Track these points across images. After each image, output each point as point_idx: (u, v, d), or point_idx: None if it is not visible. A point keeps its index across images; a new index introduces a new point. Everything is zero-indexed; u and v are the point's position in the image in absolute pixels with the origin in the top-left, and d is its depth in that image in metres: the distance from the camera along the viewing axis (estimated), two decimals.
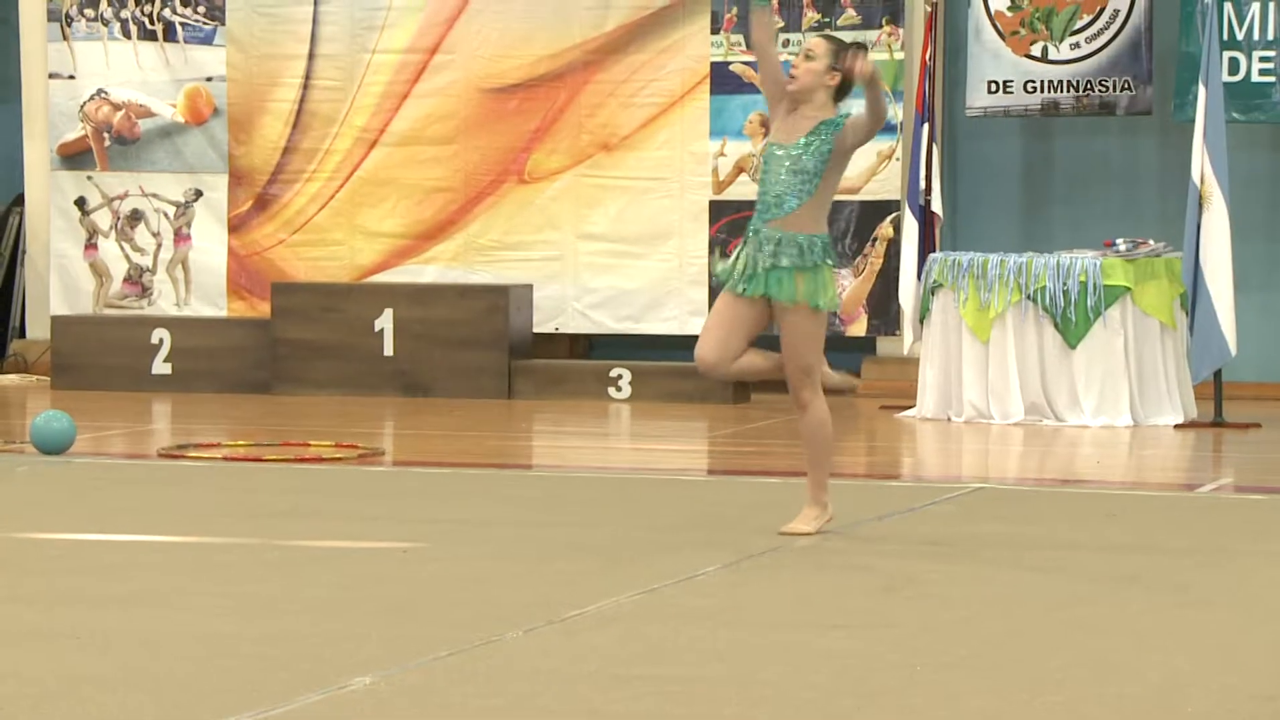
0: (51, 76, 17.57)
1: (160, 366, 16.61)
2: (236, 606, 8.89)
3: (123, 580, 9.40)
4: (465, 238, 17.13)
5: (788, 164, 10.03)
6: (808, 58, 10.16)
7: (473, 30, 17.04)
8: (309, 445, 13.47)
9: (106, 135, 17.37)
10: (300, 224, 17.34)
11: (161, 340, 16.70)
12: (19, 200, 18.18)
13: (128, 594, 9.09)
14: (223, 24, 17.38)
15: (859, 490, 12.57)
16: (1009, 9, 16.20)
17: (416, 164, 17.16)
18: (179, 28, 17.41)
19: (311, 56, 17.27)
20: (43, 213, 17.75)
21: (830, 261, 10.00)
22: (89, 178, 17.29)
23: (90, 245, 17.29)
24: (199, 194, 17.27)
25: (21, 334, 18.31)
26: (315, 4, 17.25)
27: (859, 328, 16.57)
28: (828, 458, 10.37)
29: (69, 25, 17.52)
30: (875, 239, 16.38)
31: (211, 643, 8.12)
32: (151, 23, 17.41)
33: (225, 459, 13.08)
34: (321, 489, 12.08)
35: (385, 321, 16.69)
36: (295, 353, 16.58)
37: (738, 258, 10.03)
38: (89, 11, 17.51)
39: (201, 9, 17.38)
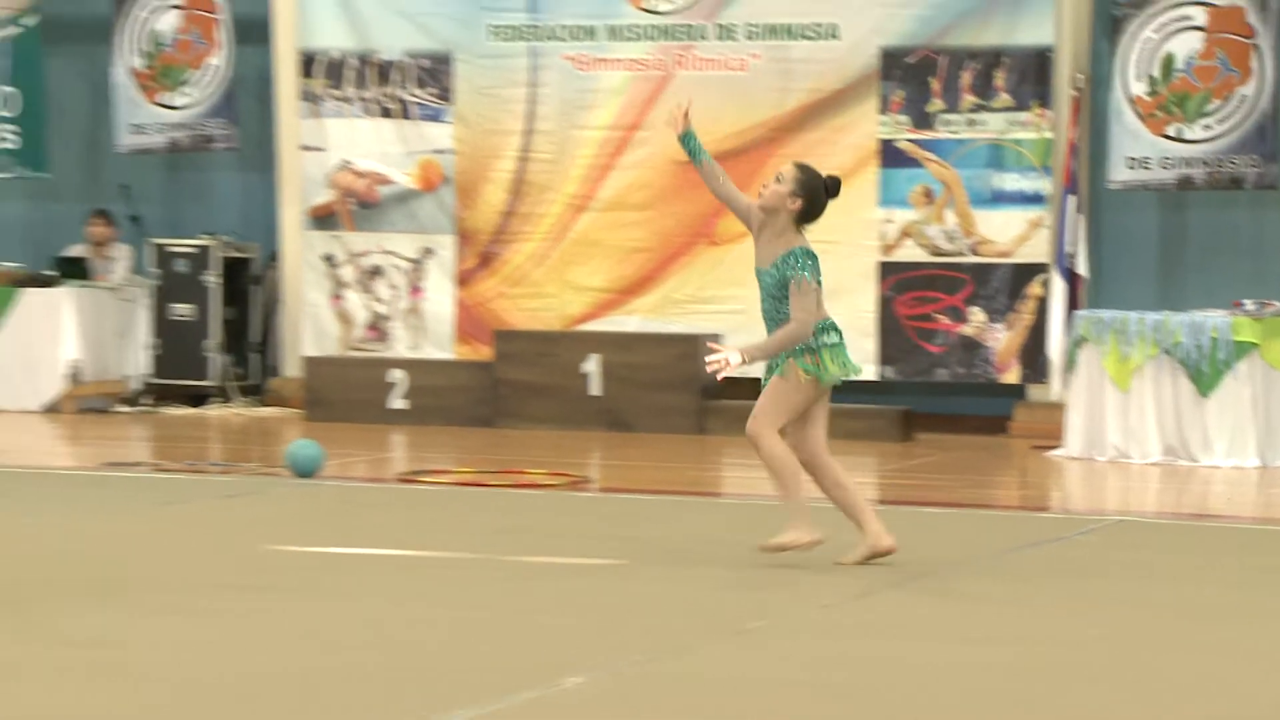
0: (304, 149, 17.69)
1: (397, 402, 16.70)
2: (461, 612, 8.93)
3: (361, 588, 9.45)
4: (662, 292, 17.13)
5: (766, 289, 10.15)
6: (777, 180, 10.17)
7: (668, 110, 17.01)
8: (526, 473, 13.51)
9: (351, 200, 17.48)
10: (518, 279, 17.38)
11: (398, 379, 16.80)
12: (275, 256, 18.32)
13: (365, 600, 9.14)
14: (451, 104, 17.46)
15: (1013, 521, 12.57)
16: (1147, 94, 16.08)
17: (619, 227, 17.18)
18: (413, 107, 17.51)
19: (528, 132, 17.33)
20: (296, 267, 17.88)
21: (814, 345, 9.99)
22: (336, 237, 17.40)
23: (337, 296, 17.39)
24: (430, 252, 17.35)
25: (277, 373, 18.44)
26: (532, 87, 17.30)
27: (1012, 376, 16.41)
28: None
29: (319, 104, 17.66)
30: (1026, 297, 16.22)
31: (439, 644, 8.16)
32: (390, 102, 17.51)
33: (454, 484, 13.14)
34: (537, 511, 12.12)
35: (592, 365, 16.73)
36: (514, 392, 16.65)
37: None
38: (336, 92, 17.64)
39: (433, 90, 17.47)
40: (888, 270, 16.69)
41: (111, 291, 18.10)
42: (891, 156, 16.68)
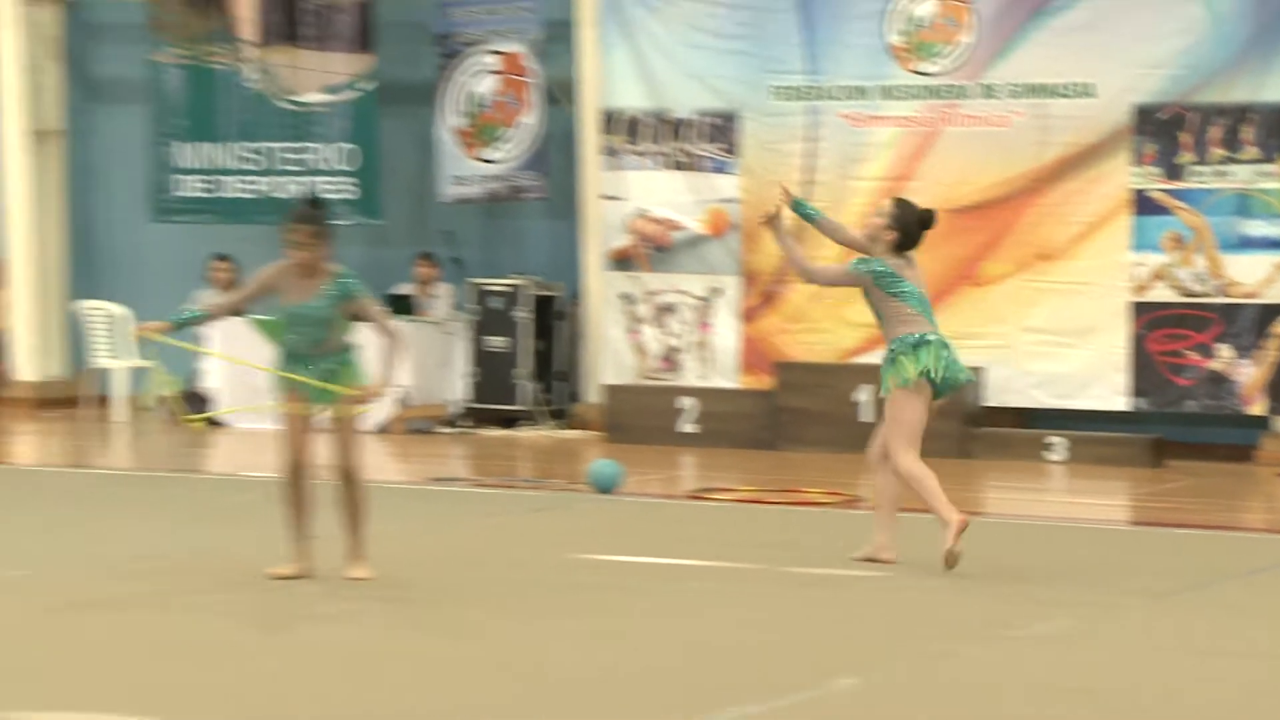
0: (605, 198, 17.90)
1: (687, 426, 16.82)
2: (744, 616, 9.07)
3: (655, 594, 9.61)
4: None
5: None
6: (878, 215, 10.66)
7: (937, 162, 17.06)
8: (803, 491, 13.59)
9: (647, 244, 17.66)
10: (797, 316, 17.44)
11: (688, 406, 16.95)
12: (579, 295, 18.56)
13: (659, 604, 9.29)
14: (737, 157, 17.59)
15: (1260, 542, 12.43)
16: None
17: None
18: (703, 160, 17.66)
19: (807, 183, 17.30)
20: (597, 304, 18.10)
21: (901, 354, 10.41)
22: (633, 277, 17.57)
23: (633, 330, 17.59)
24: (718, 291, 17.48)
25: (580, 399, 18.68)
26: (810, 141, 17.39)
27: (1258, 408, 16.19)
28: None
29: (619, 158, 17.87)
30: (1271, 335, 16.00)
31: (725, 645, 8.32)
32: (682, 156, 17.68)
33: (738, 500, 13.26)
34: (813, 526, 12.20)
35: (863, 394, 16.70)
36: (792, 417, 16.74)
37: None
38: (634, 147, 17.85)
39: (721, 145, 17.61)
40: (1140, 310, 16.53)
41: (435, 325, 18.48)
42: (1143, 205, 16.54)
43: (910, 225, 10.59)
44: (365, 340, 9.86)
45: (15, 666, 7.54)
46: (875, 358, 16.99)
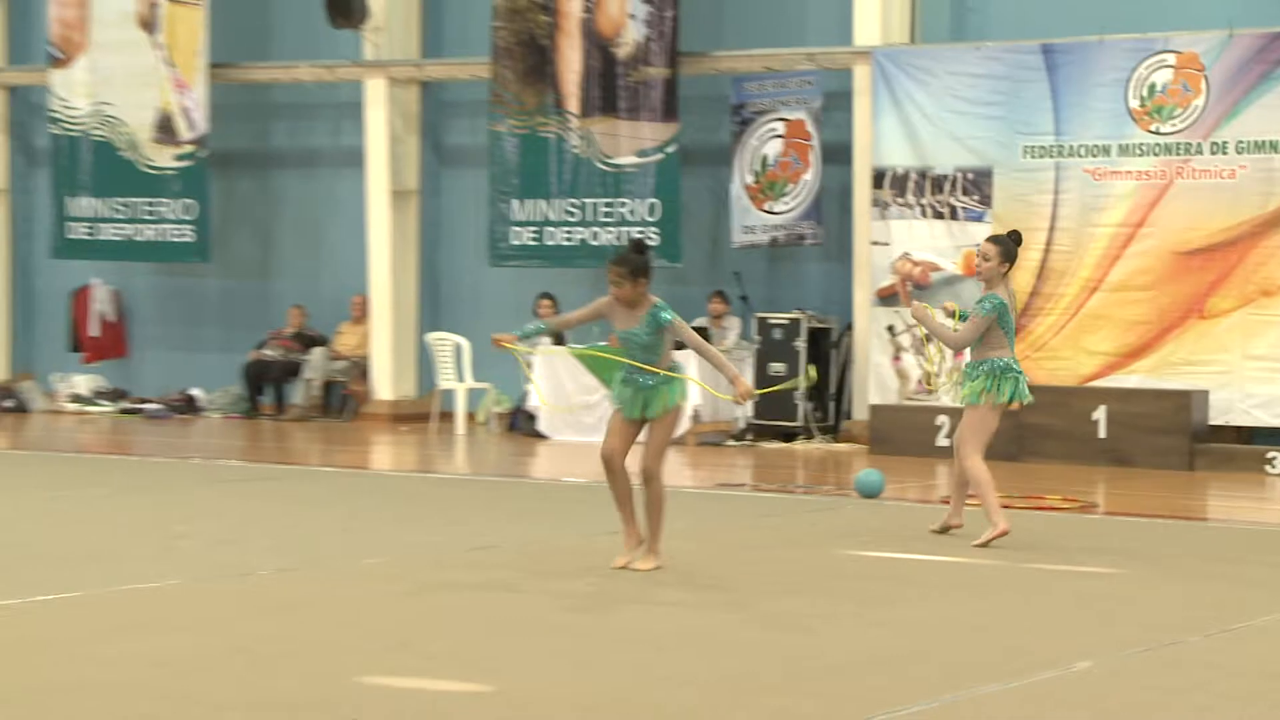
0: (874, 244, 17.94)
1: (942, 441, 16.60)
2: (994, 605, 9.01)
3: (910, 583, 9.61)
4: (1159, 356, 16.94)
5: None
6: (984, 259, 10.90)
7: (1169, 211, 16.89)
8: (1045, 498, 13.46)
9: (909, 283, 17.64)
10: (1041, 345, 17.34)
11: (943, 423, 16.82)
12: (849, 327, 18.59)
13: (913, 593, 9.29)
14: (990, 208, 17.54)
15: None
16: None
17: (1124, 304, 17.06)
18: (959, 210, 17.61)
19: (1051, 229, 17.32)
20: (865, 335, 18.13)
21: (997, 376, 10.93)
22: (896, 312, 17.56)
23: (896, 358, 17.60)
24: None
25: (850, 416, 18.68)
26: (1055, 194, 17.28)
27: None
28: None
29: (886, 209, 17.90)
30: None
31: (975, 630, 8.29)
32: (941, 207, 17.65)
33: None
34: (1054, 529, 12.06)
35: (1100, 414, 16.61)
36: (1035, 434, 16.52)
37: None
38: (900, 199, 17.88)
39: (975, 197, 17.58)
40: None
41: (725, 353, 18.57)
42: None
43: (1014, 251, 10.97)
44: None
45: (378, 639, 7.78)
46: (1110, 382, 17.09)
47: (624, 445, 9.60)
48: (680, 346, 9.72)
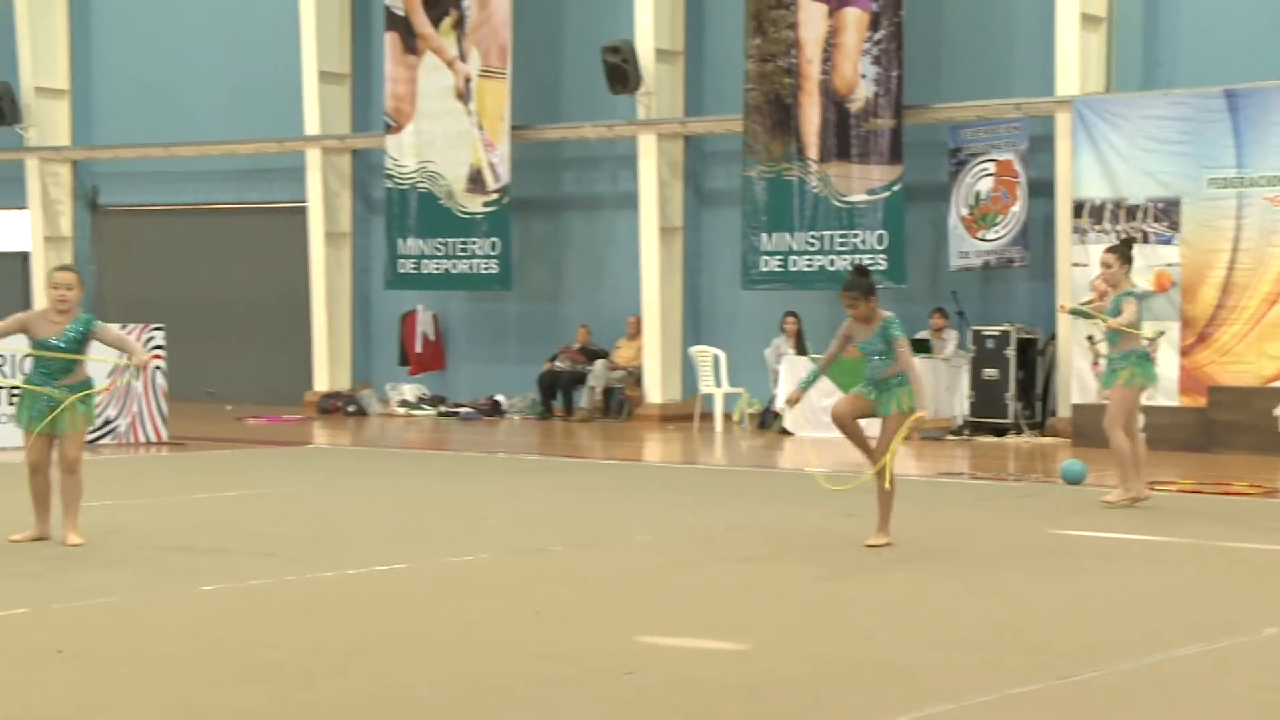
0: (1074, 265, 17.59)
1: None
2: (1183, 576, 8.83)
3: (1110, 557, 9.40)
4: None
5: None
6: (1107, 266, 11.39)
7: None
8: (1231, 484, 13.09)
9: (1105, 299, 17.26)
10: (1226, 351, 16.87)
11: (1140, 419, 16.38)
12: (1053, 337, 18.32)
13: (1112, 566, 9.08)
14: (1178, 232, 17.13)
15: None
16: None
17: None
18: (1150, 235, 17.19)
19: (1233, 250, 16.88)
20: (1067, 344, 17.81)
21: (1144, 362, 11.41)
22: (1094, 323, 16.97)
23: (1095, 363, 17.07)
24: (1162, 333, 16.87)
25: (1054, 414, 18.36)
26: (1237, 219, 16.84)
27: None
28: None
29: (1084, 235, 17.56)
30: None
31: (1169, 598, 8.09)
32: (1134, 232, 17.19)
33: (1178, 491, 12.79)
34: (1240, 513, 11.70)
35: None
36: (1221, 428, 16.19)
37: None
38: (1097, 227, 17.52)
39: (1165, 223, 17.18)
40: None
41: (944, 361, 18.44)
42: None
43: (1131, 254, 11.51)
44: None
45: (652, 605, 7.87)
46: None
47: (853, 410, 9.56)
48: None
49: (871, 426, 9.69)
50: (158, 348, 16.88)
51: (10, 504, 10.77)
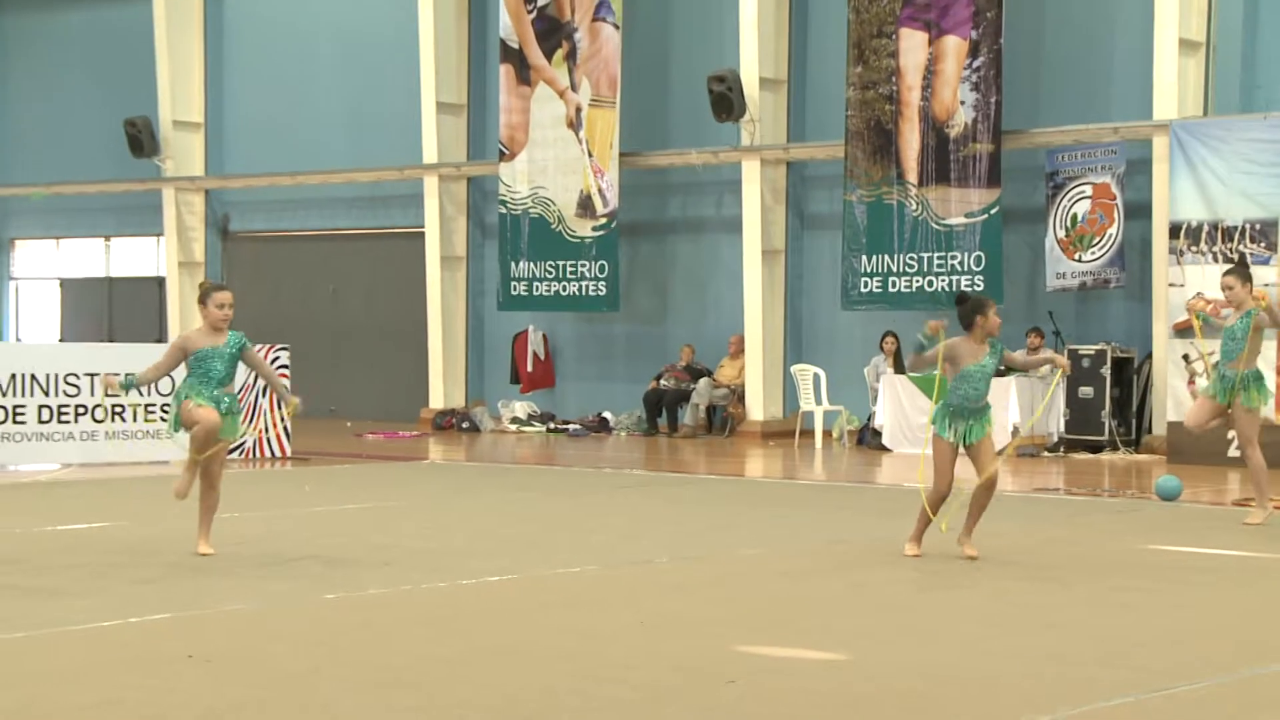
0: (1171, 285, 17.38)
1: (1232, 451, 15.65)
2: (1271, 592, 8.61)
3: (1207, 573, 9.27)
4: None
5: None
6: (1228, 288, 11.16)
7: None
8: None
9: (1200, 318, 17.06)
10: None
11: (1232, 435, 15.96)
12: (1149, 356, 18.08)
13: (1210, 580, 8.94)
14: (1275, 252, 16.90)
15: None
16: None
17: None
18: (1248, 255, 16.87)
19: None
20: (1162, 363, 17.56)
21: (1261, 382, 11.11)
22: (1190, 343, 16.82)
23: (1190, 381, 16.90)
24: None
25: (1150, 431, 18.11)
26: None
27: None
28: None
29: (1181, 256, 17.33)
30: None
31: (1269, 612, 7.89)
32: (1231, 253, 16.94)
33: (1277, 507, 12.57)
34: None
35: None
36: None
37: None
38: (1194, 248, 17.29)
39: (1262, 244, 16.90)
40: None
41: (1040, 379, 18.21)
42: None
43: (1250, 274, 11.29)
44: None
45: (755, 615, 7.86)
46: None
47: (953, 466, 9.52)
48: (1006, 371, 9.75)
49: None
50: (282, 367, 17.14)
51: (144, 511, 10.94)
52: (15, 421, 15.83)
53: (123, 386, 9.58)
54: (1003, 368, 10.26)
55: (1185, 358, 17.12)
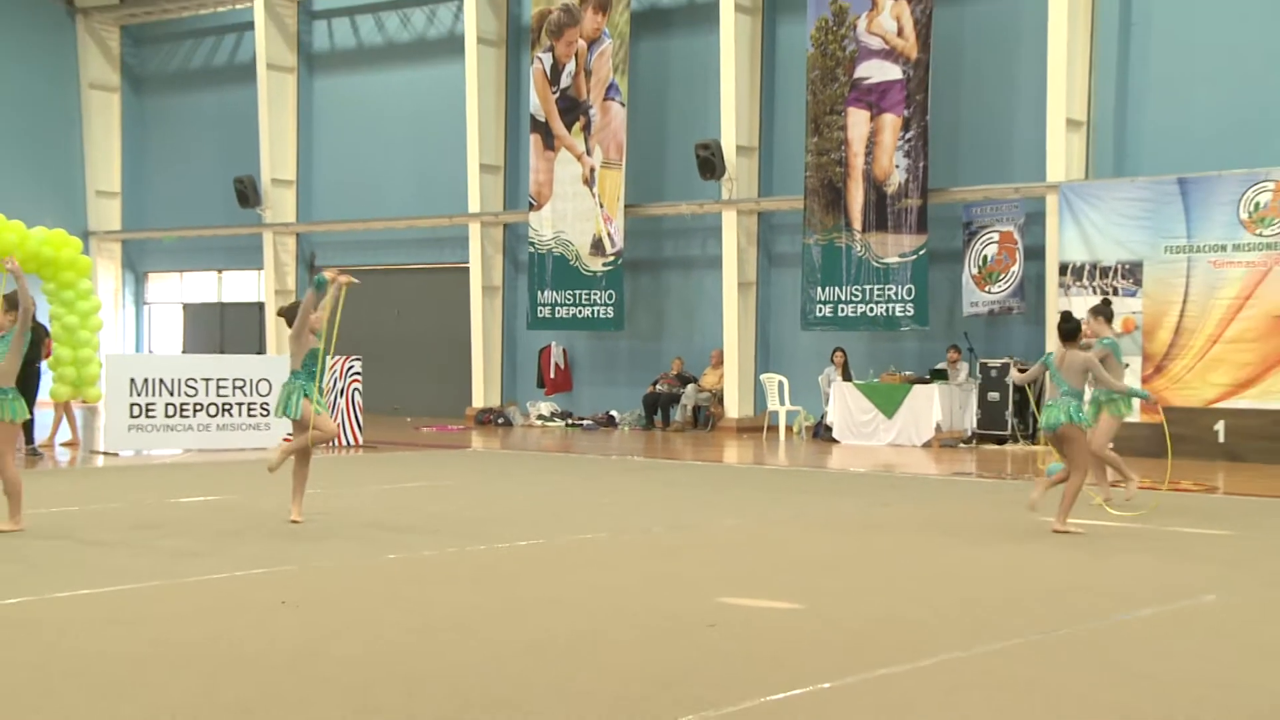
0: (1060, 312, 17.29)
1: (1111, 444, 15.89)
2: (1132, 554, 8.50)
3: (1081, 540, 9.12)
4: (1261, 387, 16.02)
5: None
6: (1087, 323, 10.49)
7: (1268, 289, 16.08)
8: (1181, 483, 12.67)
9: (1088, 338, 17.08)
10: (1178, 379, 16.50)
11: None
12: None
13: (1075, 543, 8.82)
14: (1141, 287, 16.82)
15: None
16: None
17: (1236, 352, 16.19)
18: (1120, 289, 16.85)
19: (1184, 301, 16.56)
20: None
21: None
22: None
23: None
24: (1128, 365, 16.58)
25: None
26: (1187, 278, 16.53)
27: None
28: None
29: (1069, 289, 17.26)
30: None
31: (1126, 566, 7.82)
32: (1107, 288, 16.92)
33: (1141, 488, 12.49)
34: (1187, 505, 11.31)
35: (1220, 426, 15.95)
36: (1175, 440, 15.47)
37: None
38: (1078, 283, 17.25)
39: (1130, 280, 16.86)
40: None
41: (958, 386, 18.19)
42: None
43: (1110, 311, 10.94)
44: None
45: (733, 572, 7.75)
46: (1228, 404, 16.14)
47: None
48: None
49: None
50: (356, 374, 17.19)
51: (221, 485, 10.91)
52: (147, 416, 15.88)
53: (317, 284, 9.52)
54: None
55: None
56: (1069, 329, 9.45)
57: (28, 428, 15.63)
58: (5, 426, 8.85)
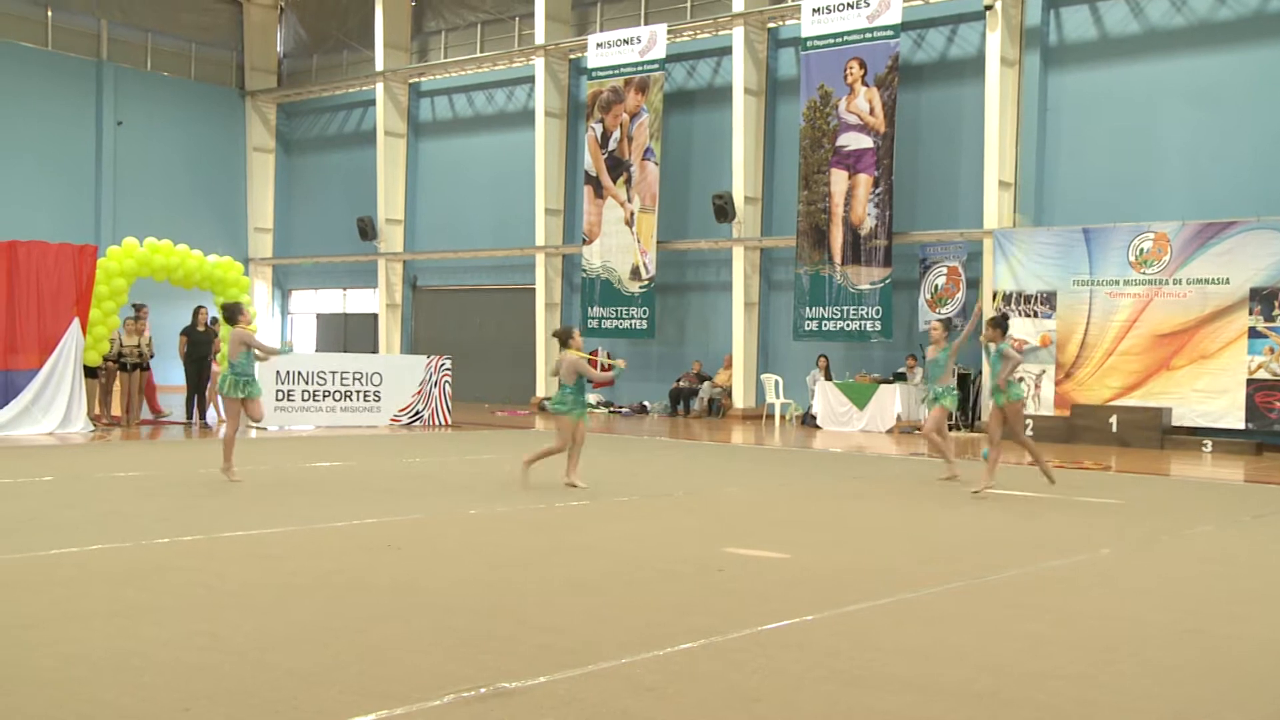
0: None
1: (1029, 433, 15.23)
2: (1035, 519, 8.27)
3: (977, 504, 8.89)
4: (1145, 389, 15.85)
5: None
6: (985, 330, 9.51)
7: (1151, 315, 15.86)
8: (1082, 463, 12.43)
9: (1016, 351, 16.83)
10: (1082, 382, 16.35)
11: (1029, 422, 15.84)
12: (980, 373, 17.79)
13: (977, 508, 8.61)
14: (1055, 311, 16.59)
15: None
16: None
17: (1128, 362, 16.04)
18: (1039, 313, 16.63)
19: (1088, 323, 16.39)
20: (985, 377, 17.29)
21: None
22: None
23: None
24: (1045, 372, 16.54)
25: (980, 418, 17.83)
26: (1089, 305, 16.33)
27: None
28: None
29: (1005, 311, 17.07)
30: None
31: (1025, 529, 7.66)
32: (1029, 311, 16.70)
33: (1055, 466, 12.22)
34: (1086, 481, 11.04)
35: (1114, 419, 15.63)
36: (1081, 430, 15.42)
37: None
38: (1008, 305, 17.02)
39: (1047, 306, 16.61)
40: (1250, 383, 14.84)
41: (914, 386, 17.83)
42: (1253, 333, 14.87)
43: (1006, 324, 9.74)
44: None
45: (737, 527, 7.62)
46: (1122, 401, 15.93)
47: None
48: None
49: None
50: (447, 370, 17.28)
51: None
52: (288, 399, 16.01)
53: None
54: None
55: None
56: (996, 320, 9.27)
57: (202, 406, 15.87)
58: (230, 402, 9.18)
